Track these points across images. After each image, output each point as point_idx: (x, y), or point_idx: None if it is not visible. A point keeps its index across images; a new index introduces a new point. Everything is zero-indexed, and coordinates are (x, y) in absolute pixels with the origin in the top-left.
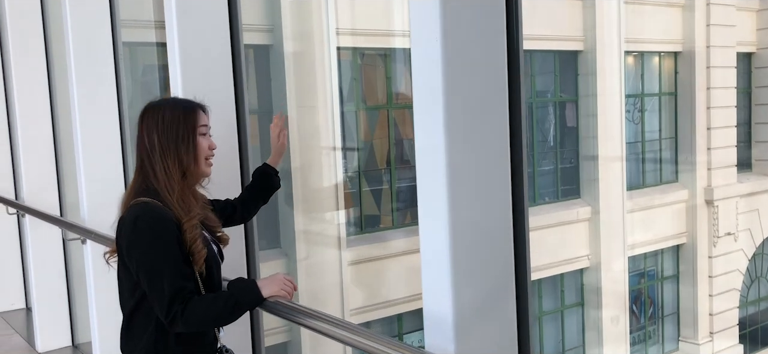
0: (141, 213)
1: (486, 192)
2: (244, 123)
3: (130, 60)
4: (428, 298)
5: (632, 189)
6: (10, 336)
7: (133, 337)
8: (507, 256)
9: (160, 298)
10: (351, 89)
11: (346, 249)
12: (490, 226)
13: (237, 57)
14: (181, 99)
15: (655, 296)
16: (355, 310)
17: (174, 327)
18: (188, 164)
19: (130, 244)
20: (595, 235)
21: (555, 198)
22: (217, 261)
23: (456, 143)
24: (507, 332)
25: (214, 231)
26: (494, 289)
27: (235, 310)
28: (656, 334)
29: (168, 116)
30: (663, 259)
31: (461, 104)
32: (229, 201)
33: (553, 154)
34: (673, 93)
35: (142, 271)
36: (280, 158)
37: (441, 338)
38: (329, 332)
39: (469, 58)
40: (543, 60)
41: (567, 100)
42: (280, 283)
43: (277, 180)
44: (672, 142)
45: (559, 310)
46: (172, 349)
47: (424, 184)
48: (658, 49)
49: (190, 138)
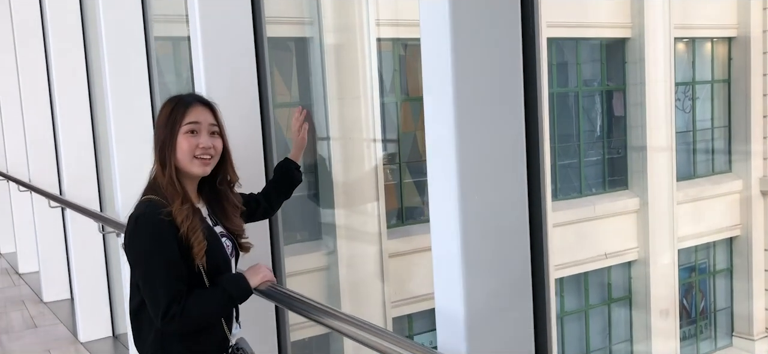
0: (142, 213)
1: (499, 186)
2: (268, 118)
3: (174, 54)
4: (440, 296)
5: (682, 179)
6: (55, 326)
7: (141, 333)
8: (523, 253)
9: (156, 303)
10: (392, 80)
11: (386, 241)
12: (505, 222)
13: (260, 52)
14: (185, 95)
15: (707, 290)
16: (396, 302)
17: (169, 327)
18: (168, 162)
19: (129, 244)
20: (643, 227)
21: (602, 189)
22: (227, 260)
23: (466, 135)
24: (523, 332)
25: (238, 237)
26: (509, 288)
27: (229, 304)
28: (708, 330)
29: (162, 115)
30: (715, 252)
31: (472, 94)
32: (254, 195)
33: (600, 145)
34: (726, 80)
35: (137, 271)
36: (301, 152)
37: (452, 337)
38: (321, 320)
39: (480, 46)
40: (590, 48)
41: (614, 88)
42: (263, 272)
43: (298, 174)
44: (725, 131)
45: (606, 303)
46: (181, 346)
47: (434, 178)
48: (711, 35)
49: (171, 137)
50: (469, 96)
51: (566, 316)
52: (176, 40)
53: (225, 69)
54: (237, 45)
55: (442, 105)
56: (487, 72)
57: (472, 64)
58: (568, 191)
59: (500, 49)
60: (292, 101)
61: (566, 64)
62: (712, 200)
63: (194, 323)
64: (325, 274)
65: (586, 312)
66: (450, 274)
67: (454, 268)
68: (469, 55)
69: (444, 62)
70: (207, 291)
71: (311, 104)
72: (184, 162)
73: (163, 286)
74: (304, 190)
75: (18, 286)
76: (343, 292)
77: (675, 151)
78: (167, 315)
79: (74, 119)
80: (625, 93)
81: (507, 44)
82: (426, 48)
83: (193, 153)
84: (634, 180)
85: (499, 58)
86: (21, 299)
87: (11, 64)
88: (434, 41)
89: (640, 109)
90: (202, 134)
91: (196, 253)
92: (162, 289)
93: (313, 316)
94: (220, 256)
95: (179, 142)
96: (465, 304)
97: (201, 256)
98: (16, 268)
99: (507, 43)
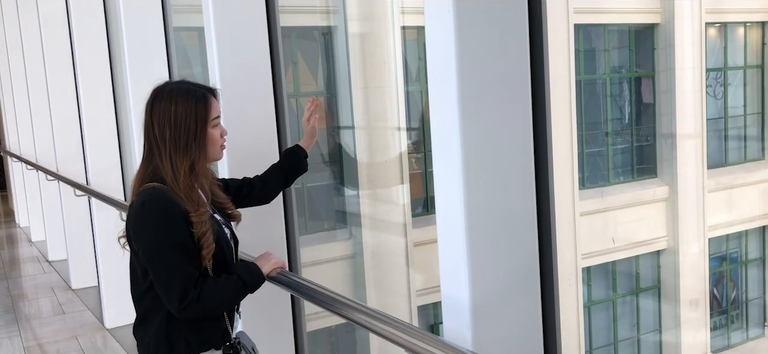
0: (148, 198)
1: (505, 175)
2: (282, 107)
3: (200, 45)
4: (446, 284)
5: (714, 167)
6: (82, 312)
7: (144, 324)
8: (530, 243)
9: (170, 287)
10: (417, 69)
11: (411, 230)
12: (511, 211)
13: (274, 41)
14: (193, 86)
15: (739, 280)
16: (421, 291)
17: (186, 313)
18: (196, 159)
19: (138, 230)
20: (673, 215)
21: (630, 177)
22: (229, 245)
23: (470, 123)
24: (530, 321)
25: (224, 208)
26: (516, 277)
27: (243, 291)
28: (739, 320)
29: (181, 112)
30: (747, 240)
31: (476, 82)
32: (247, 179)
33: (628, 132)
34: (759, 66)
35: (149, 258)
36: (312, 142)
37: (458, 324)
38: (330, 307)
39: (485, 35)
40: (618, 34)
41: (643, 75)
42: (273, 259)
43: (305, 163)
44: (758, 118)
45: (634, 293)
46: (185, 335)
47: (439, 166)
48: (743, 20)
49: (203, 133)
50: (473, 85)
51: (594, 306)
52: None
53: (239, 59)
54: (250, 35)
55: (446, 94)
56: (492, 61)
57: (477, 52)
58: (595, 180)
59: (506, 37)
60: (318, 90)
61: (594, 50)
62: (744, 188)
63: (210, 309)
64: (350, 262)
65: (613, 301)
66: (455, 261)
67: (460, 255)
68: (473, 44)
69: (448, 51)
70: (222, 278)
71: (336, 93)
72: (215, 152)
73: (179, 270)
74: (329, 180)
75: (48, 273)
76: (368, 282)
77: (706, 139)
78: (185, 299)
79: (99, 110)
80: (654, 80)
81: (513, 33)
82: (430, 37)
83: (220, 142)
84: (663, 168)
85: (505, 47)
86: (50, 286)
87: (38, 56)
88: (438, 30)
89: (670, 95)
90: (219, 124)
91: (205, 255)
92: (177, 274)
93: (322, 302)
94: (225, 245)
95: (211, 135)
96: (470, 292)
97: (209, 259)
98: (46, 255)
99: (513, 31)
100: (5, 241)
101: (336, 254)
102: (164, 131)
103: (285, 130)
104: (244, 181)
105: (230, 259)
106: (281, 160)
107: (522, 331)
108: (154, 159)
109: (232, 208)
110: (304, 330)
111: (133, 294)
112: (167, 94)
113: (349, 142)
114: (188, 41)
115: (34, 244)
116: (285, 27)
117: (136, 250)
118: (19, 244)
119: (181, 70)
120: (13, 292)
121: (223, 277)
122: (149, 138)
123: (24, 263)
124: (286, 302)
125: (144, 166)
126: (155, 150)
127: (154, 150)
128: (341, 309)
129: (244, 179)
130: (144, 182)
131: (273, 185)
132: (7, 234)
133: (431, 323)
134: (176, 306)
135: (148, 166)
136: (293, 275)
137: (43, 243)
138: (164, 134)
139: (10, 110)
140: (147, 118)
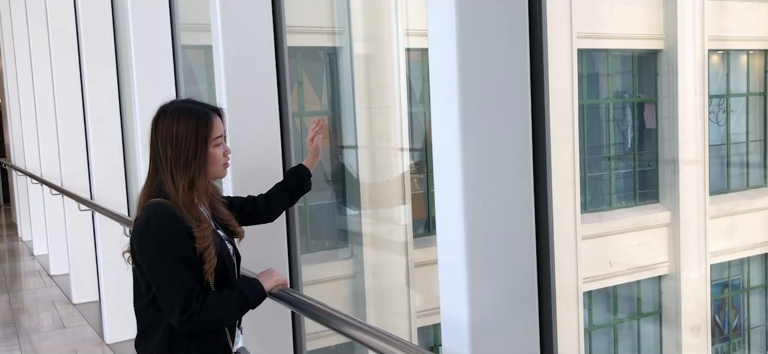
0: (152, 213)
1: (505, 194)
2: (287, 126)
3: (207, 63)
4: (445, 303)
5: (716, 193)
6: (83, 327)
7: (146, 337)
8: (529, 262)
9: (172, 299)
10: (422, 90)
11: (413, 250)
12: (510, 230)
13: (281, 60)
14: (197, 105)
15: (741, 307)
16: (422, 312)
17: (188, 326)
18: (195, 176)
19: (142, 243)
20: (674, 241)
21: (632, 202)
22: (232, 261)
23: (471, 144)
24: (528, 340)
25: (227, 225)
26: (514, 295)
27: (245, 306)
28: (742, 347)
29: (182, 130)
30: (749, 267)
31: (478, 102)
32: (251, 197)
33: (630, 157)
34: (762, 93)
35: (152, 270)
36: (315, 161)
37: (457, 343)
38: (330, 324)
39: (487, 54)
40: (621, 60)
41: (646, 100)
42: (275, 276)
43: (308, 181)
44: (760, 145)
45: (636, 318)
46: (186, 349)
47: (440, 186)
48: (746, 47)
49: (203, 151)
50: (475, 107)
51: (594, 330)
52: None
53: (246, 78)
54: (258, 54)
55: (448, 116)
56: (494, 84)
57: (479, 75)
58: (597, 204)
59: (507, 57)
60: (322, 110)
61: (597, 75)
62: (746, 215)
63: (212, 323)
64: (351, 282)
65: (614, 326)
66: (455, 279)
67: (459, 274)
68: (475, 67)
69: (450, 73)
70: (224, 292)
71: (340, 113)
72: (217, 171)
73: (182, 283)
74: (332, 199)
75: (49, 287)
76: (368, 301)
77: (708, 165)
78: (186, 312)
79: (105, 126)
80: (656, 105)
81: (514, 53)
82: (433, 57)
83: (222, 161)
84: (665, 193)
85: (507, 70)
86: (51, 300)
87: (46, 71)
88: (441, 50)
89: (672, 121)
90: (223, 143)
91: (207, 269)
92: (180, 287)
93: (322, 319)
94: (228, 260)
95: (212, 154)
96: (469, 311)
97: (211, 273)
98: (48, 270)
99: (514, 51)
100: (7, 254)
101: (337, 273)
102: (166, 148)
103: (289, 148)
104: (249, 199)
105: (232, 275)
106: (285, 178)
107: (520, 351)
108: (159, 175)
109: (235, 225)
110: (304, 348)
111: (135, 308)
112: (171, 113)
113: (352, 161)
114: (195, 59)
115: (36, 258)
116: (291, 47)
117: (139, 264)
118: (21, 257)
119: (188, 88)
120: (13, 306)
121: (224, 292)
122: (153, 155)
123: (25, 277)
124: (287, 319)
125: (149, 182)
126: (160, 168)
127: (158, 169)
128: (341, 326)
129: (248, 197)
130: (149, 197)
131: (277, 204)
132: (10, 247)
133: (431, 345)
134: (178, 318)
135: (154, 182)
136: (294, 292)
137: (45, 257)
138: (166, 151)
139: (16, 124)
140: (152, 134)
